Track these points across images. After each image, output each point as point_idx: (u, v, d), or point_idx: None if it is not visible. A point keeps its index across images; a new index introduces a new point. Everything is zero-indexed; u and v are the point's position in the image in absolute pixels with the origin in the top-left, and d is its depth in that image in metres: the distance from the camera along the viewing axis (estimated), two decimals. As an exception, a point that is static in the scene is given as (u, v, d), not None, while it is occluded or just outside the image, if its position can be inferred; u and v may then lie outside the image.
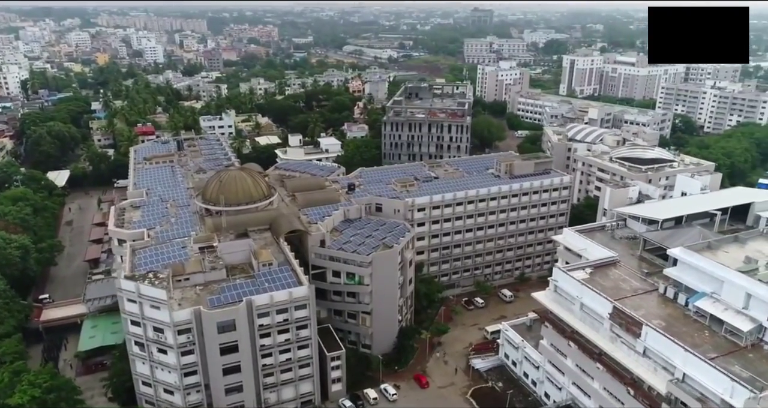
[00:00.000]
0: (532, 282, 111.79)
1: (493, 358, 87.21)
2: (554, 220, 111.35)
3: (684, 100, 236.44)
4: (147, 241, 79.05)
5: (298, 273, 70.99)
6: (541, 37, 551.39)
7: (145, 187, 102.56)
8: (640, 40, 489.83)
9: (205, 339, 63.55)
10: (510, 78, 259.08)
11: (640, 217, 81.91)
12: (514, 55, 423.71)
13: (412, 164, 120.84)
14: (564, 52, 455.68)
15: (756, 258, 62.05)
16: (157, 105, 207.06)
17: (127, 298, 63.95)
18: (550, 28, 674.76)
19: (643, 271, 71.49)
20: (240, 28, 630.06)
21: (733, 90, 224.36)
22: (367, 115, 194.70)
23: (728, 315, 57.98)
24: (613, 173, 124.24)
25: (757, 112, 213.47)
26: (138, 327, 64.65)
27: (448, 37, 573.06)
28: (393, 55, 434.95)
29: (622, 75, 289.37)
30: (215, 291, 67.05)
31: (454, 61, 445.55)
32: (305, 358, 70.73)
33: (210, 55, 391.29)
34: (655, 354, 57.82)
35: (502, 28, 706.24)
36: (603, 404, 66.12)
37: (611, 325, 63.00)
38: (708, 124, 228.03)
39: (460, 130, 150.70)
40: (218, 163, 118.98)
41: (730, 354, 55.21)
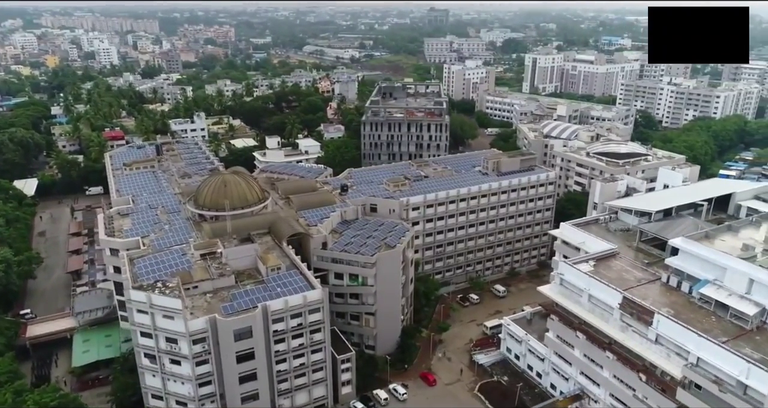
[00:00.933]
0: (522, 276, 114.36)
1: (495, 352, 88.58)
2: (541, 215, 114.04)
3: (643, 96, 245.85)
4: (144, 250, 76.57)
5: (308, 276, 70.26)
6: (498, 36, 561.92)
7: (129, 193, 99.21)
8: (593, 39, 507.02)
9: (221, 347, 62.13)
10: (477, 77, 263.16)
11: (633, 209, 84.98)
12: (474, 54, 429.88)
13: (399, 164, 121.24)
14: (522, 50, 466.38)
15: (753, 245, 65.47)
16: (121, 109, 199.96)
17: (137, 309, 61.79)
18: (505, 27, 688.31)
19: (644, 261, 74.28)
20: (195, 28, 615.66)
21: (688, 86, 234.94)
22: (341, 115, 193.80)
23: (733, 300, 60.87)
24: (592, 168, 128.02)
25: (711, 106, 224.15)
26: (149, 339, 62.58)
27: (408, 37, 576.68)
28: (355, 55, 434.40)
29: (582, 72, 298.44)
30: (226, 298, 65.61)
31: (416, 60, 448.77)
32: (319, 362, 70.10)
33: (167, 57, 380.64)
34: (668, 341, 60.10)
35: (459, 27, 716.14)
36: (613, 392, 68.34)
37: (621, 314, 65.11)
38: (666, 118, 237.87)
39: (439, 129, 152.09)
40: (201, 167, 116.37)
41: (738, 337, 57.98)
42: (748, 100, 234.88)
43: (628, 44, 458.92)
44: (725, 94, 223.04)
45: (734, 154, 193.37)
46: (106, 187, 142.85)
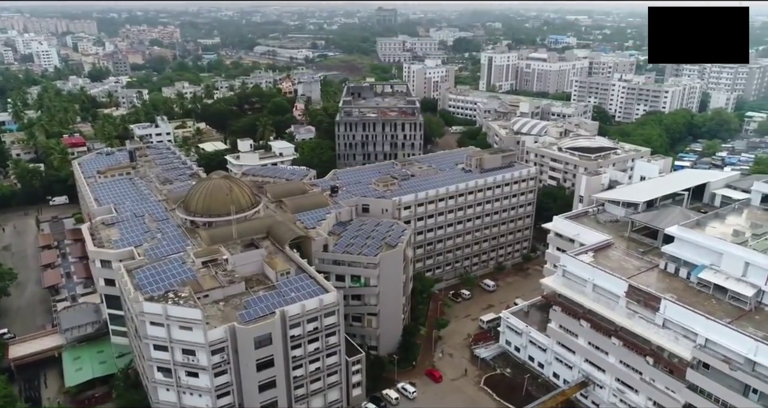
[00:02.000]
0: (508, 270, 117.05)
1: (495, 346, 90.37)
2: (523, 209, 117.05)
3: (596, 93, 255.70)
4: (141, 260, 73.66)
5: (319, 279, 69.62)
6: (448, 35, 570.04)
7: (110, 202, 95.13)
8: (539, 38, 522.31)
9: (240, 356, 60.69)
10: (437, 76, 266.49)
11: (621, 201, 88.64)
12: (428, 54, 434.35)
13: (383, 163, 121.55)
14: (473, 49, 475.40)
15: (742, 231, 69.72)
16: (75, 114, 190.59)
17: (151, 321, 59.43)
18: (453, 26, 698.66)
19: (639, 250, 77.68)
20: (138, 29, 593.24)
21: (638, 82, 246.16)
22: (308, 116, 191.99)
23: (731, 283, 64.67)
24: (566, 162, 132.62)
25: (660, 101, 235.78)
26: (164, 351, 60.32)
27: (359, 37, 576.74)
28: (309, 55, 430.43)
29: (536, 70, 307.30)
30: (240, 306, 64.11)
31: (370, 60, 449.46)
32: (333, 366, 69.56)
33: (113, 59, 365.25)
34: (675, 324, 63.18)
35: (408, 26, 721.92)
36: (620, 377, 71.14)
37: (627, 302, 67.92)
38: (618, 113, 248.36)
39: (414, 128, 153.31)
40: (181, 173, 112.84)
41: (740, 318, 61.65)
42: (692, 95, 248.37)
43: (573, 42, 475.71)
44: (672, 89, 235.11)
45: (685, 145, 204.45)
46: (71, 196, 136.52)
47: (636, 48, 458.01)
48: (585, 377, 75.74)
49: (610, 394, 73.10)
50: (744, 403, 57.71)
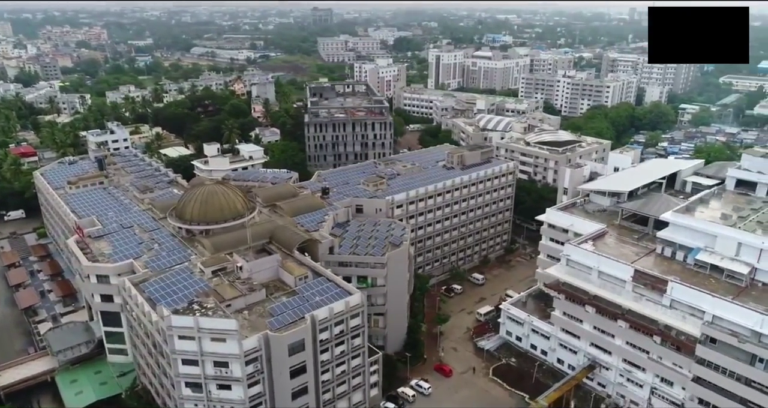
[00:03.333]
0: (493, 263, 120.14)
1: (495, 337, 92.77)
2: (503, 203, 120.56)
3: (542, 89, 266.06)
4: (146, 273, 70.47)
5: (338, 281, 69.16)
6: (387, 34, 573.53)
7: (89, 214, 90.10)
8: (477, 36, 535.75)
9: (274, 364, 59.42)
10: (390, 75, 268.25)
11: (607, 191, 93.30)
12: (371, 53, 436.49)
13: (365, 163, 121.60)
14: (414, 48, 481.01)
15: (729, 214, 75.39)
16: (16, 122, 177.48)
17: (180, 335, 57.03)
18: (390, 26, 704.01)
19: (633, 237, 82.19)
20: (61, 30, 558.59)
21: (581, 78, 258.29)
22: (269, 117, 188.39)
23: (726, 263, 69.83)
24: (536, 156, 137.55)
25: (603, 95, 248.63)
26: (193, 366, 58.08)
27: (298, 37, 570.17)
28: (250, 56, 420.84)
29: (482, 68, 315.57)
30: (265, 313, 62.69)
31: (313, 60, 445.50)
32: (358, 368, 69.36)
33: (40, 62, 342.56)
34: (682, 304, 67.46)
35: (345, 26, 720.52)
36: (626, 357, 75.00)
37: (634, 286, 71.77)
38: (564, 108, 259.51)
39: (384, 127, 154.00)
40: (158, 180, 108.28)
41: (739, 295, 66.72)
42: (630, 89, 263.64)
43: (510, 41, 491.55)
44: (613, 84, 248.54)
45: (629, 137, 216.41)
46: (28, 210, 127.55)
47: (568, 45, 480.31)
48: (591, 360, 79.28)
49: (617, 375, 76.92)
50: (751, 373, 62.53)
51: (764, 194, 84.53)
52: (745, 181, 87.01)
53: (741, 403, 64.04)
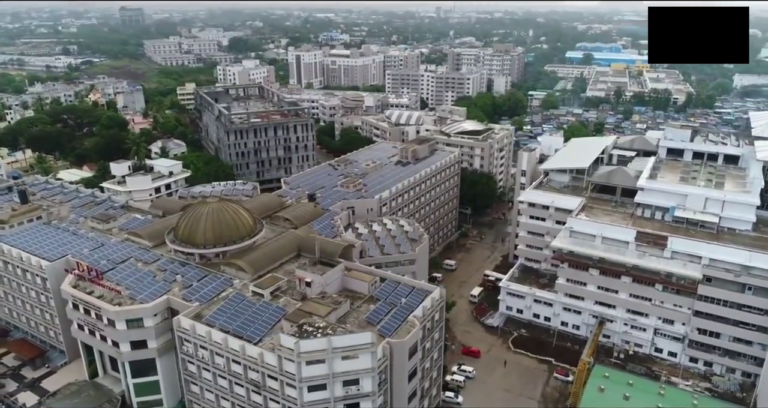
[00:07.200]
0: (453, 249, 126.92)
1: (497, 314, 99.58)
2: (453, 192, 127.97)
3: (408, 83, 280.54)
4: (196, 307, 63.01)
5: (407, 281, 69.36)
6: (215, 35, 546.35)
7: (54, 255, 76.25)
8: (313, 35, 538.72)
9: (394, 371, 58.25)
10: (260, 76, 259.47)
11: (568, 168, 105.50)
12: (212, 55, 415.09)
13: (322, 166, 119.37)
14: (251, 49, 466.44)
15: (687, 177, 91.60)
16: None
17: (308, 360, 52.88)
18: (212, 26, 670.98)
19: (611, 204, 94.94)
20: None
21: (442, 72, 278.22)
22: (159, 128, 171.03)
23: (700, 216, 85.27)
24: (461, 146, 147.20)
25: (465, 87, 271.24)
26: (321, 391, 54.29)
27: (116, 39, 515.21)
28: (71, 62, 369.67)
29: (342, 66, 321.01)
30: (362, 323, 60.76)
31: (144, 64, 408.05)
32: (437, 361, 70.39)
33: None
34: (682, 254, 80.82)
35: (162, 27, 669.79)
36: (630, 307, 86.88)
37: (637, 245, 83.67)
38: (431, 100, 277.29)
39: (306, 129, 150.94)
40: (107, 207, 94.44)
41: (717, 240, 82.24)
42: (482, 81, 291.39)
43: (347, 39, 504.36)
44: (472, 76, 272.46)
45: (494, 122, 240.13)
46: None
47: (401, 42, 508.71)
48: (600, 317, 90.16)
49: (621, 324, 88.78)
50: (743, 299, 77.78)
51: (690, 158, 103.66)
52: (673, 150, 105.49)
53: (734, 324, 79.33)
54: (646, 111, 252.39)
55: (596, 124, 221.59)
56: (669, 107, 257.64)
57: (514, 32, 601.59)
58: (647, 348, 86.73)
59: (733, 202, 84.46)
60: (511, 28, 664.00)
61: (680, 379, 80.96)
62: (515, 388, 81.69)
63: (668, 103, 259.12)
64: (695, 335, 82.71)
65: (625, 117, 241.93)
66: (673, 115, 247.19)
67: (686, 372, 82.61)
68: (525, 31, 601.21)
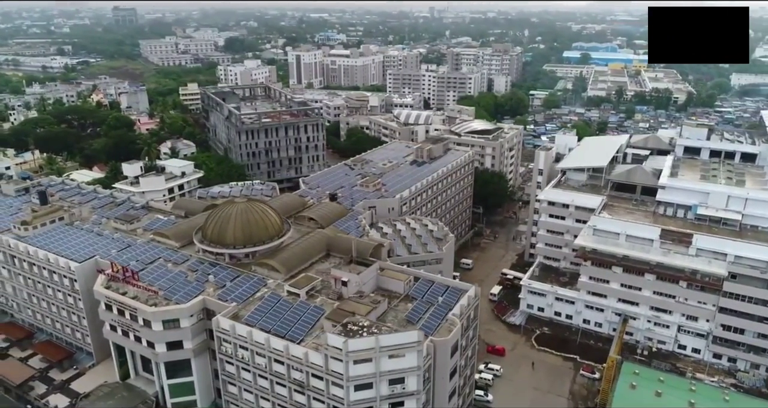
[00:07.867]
0: (468, 247, 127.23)
1: (518, 312, 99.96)
2: (468, 190, 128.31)
3: (409, 83, 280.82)
4: (234, 307, 62.79)
5: (439, 279, 69.51)
6: (211, 35, 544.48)
7: (81, 257, 75.72)
8: (309, 35, 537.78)
9: (437, 369, 58.37)
10: (263, 76, 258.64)
11: (585, 167, 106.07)
12: (209, 55, 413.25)
13: (337, 166, 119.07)
14: (248, 49, 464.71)
15: (707, 175, 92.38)
16: None
17: (356, 359, 52.81)
18: (206, 26, 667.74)
19: (632, 203, 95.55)
20: None
21: (443, 72, 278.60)
22: (167, 128, 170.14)
23: (723, 213, 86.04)
24: (472, 145, 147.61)
25: (467, 87, 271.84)
26: (367, 390, 54.27)
27: (112, 40, 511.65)
28: (68, 63, 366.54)
29: (342, 66, 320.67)
30: (401, 322, 60.76)
31: (141, 64, 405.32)
32: (471, 359, 70.47)
33: None
34: (707, 252, 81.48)
35: (156, 27, 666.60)
36: (654, 304, 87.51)
37: (662, 243, 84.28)
38: (433, 100, 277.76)
39: (316, 129, 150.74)
40: (128, 207, 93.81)
41: (740, 237, 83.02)
42: (483, 81, 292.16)
43: (344, 39, 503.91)
44: (474, 76, 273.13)
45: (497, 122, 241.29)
46: None
47: (398, 42, 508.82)
48: (624, 315, 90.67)
49: (644, 321, 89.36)
50: (765, 295, 78.62)
51: (707, 157, 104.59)
52: (690, 148, 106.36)
53: (759, 321, 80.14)
54: (648, 110, 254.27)
55: (599, 124, 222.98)
56: (670, 107, 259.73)
57: (509, 32, 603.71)
58: (671, 345, 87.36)
59: (756, 199, 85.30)
60: (505, 27, 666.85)
61: (705, 375, 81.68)
62: (543, 386, 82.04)
63: (669, 102, 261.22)
64: (720, 332, 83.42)
65: (627, 116, 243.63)
66: (674, 115, 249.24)
67: (711, 368, 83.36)
68: (520, 31, 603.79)
